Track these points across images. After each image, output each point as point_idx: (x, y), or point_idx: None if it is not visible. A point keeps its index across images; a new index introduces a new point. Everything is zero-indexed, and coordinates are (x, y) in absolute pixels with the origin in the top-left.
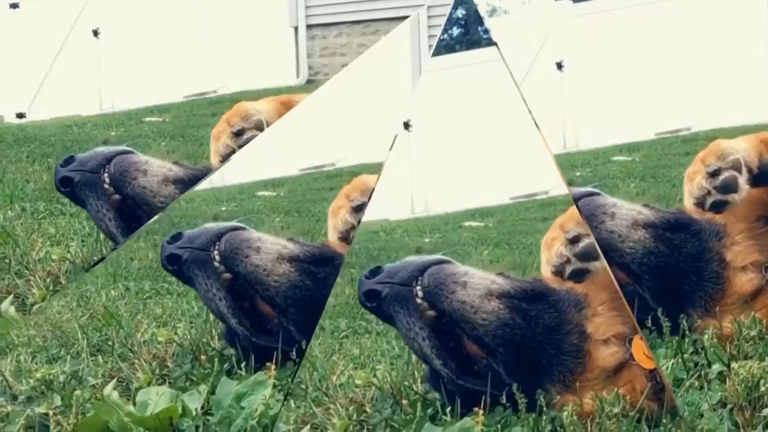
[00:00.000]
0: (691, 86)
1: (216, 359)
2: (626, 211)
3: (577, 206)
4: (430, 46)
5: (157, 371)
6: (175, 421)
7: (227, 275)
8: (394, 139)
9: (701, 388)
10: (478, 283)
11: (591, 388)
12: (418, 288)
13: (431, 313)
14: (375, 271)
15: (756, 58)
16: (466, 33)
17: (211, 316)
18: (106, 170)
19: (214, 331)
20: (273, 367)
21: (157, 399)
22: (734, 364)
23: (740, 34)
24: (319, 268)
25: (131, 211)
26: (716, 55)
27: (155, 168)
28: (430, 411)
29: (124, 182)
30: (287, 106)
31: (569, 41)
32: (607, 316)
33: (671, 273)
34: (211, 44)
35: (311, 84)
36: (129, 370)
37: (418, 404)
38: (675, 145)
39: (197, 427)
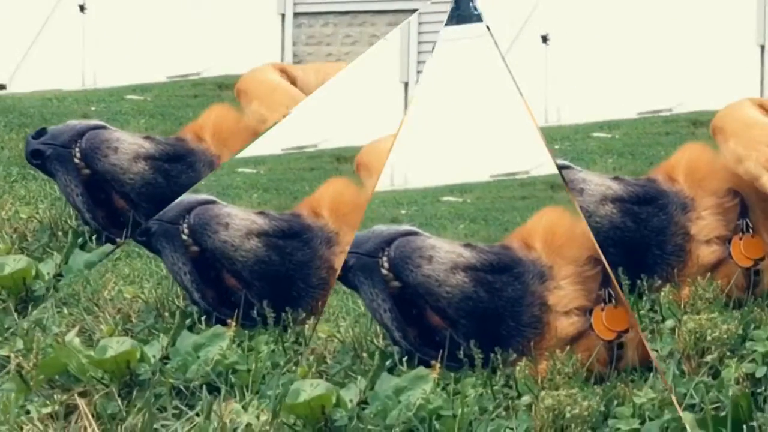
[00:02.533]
0: (674, 68)
1: (177, 314)
2: (595, 187)
3: None
4: (420, 32)
5: (121, 325)
6: (132, 365)
7: (195, 248)
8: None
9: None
10: (444, 257)
11: (548, 355)
12: (384, 259)
13: (396, 284)
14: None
15: (740, 43)
16: (457, 8)
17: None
18: (78, 145)
19: (179, 290)
20: (233, 323)
21: (117, 347)
22: (684, 318)
23: (727, 17)
24: (286, 241)
25: (100, 185)
26: (701, 38)
27: (126, 145)
28: (388, 363)
29: (95, 159)
30: None
31: (556, 15)
32: (570, 289)
33: (636, 247)
34: (197, 26)
35: None
36: (93, 323)
37: (376, 354)
38: (656, 125)
39: (154, 373)
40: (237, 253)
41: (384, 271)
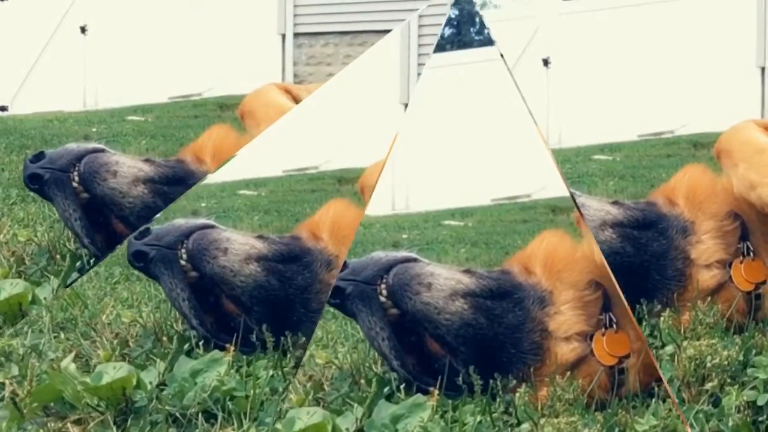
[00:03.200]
0: (676, 90)
1: (175, 338)
2: (594, 212)
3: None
4: (420, 54)
5: (118, 350)
6: (128, 392)
7: (194, 274)
8: (394, 138)
9: None
10: (443, 284)
11: (549, 381)
12: (383, 287)
13: (394, 311)
14: (341, 267)
15: (740, 65)
16: (458, 33)
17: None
18: (76, 169)
19: (177, 314)
20: (232, 348)
21: (113, 373)
22: (684, 343)
23: (727, 39)
24: (286, 265)
25: (98, 209)
26: (701, 61)
27: (126, 169)
28: (386, 390)
29: (94, 183)
30: None
31: (557, 38)
32: (570, 315)
33: (636, 272)
34: (198, 47)
35: None
36: (90, 348)
37: (374, 381)
38: (657, 147)
39: (150, 400)
40: (236, 278)
41: (382, 299)
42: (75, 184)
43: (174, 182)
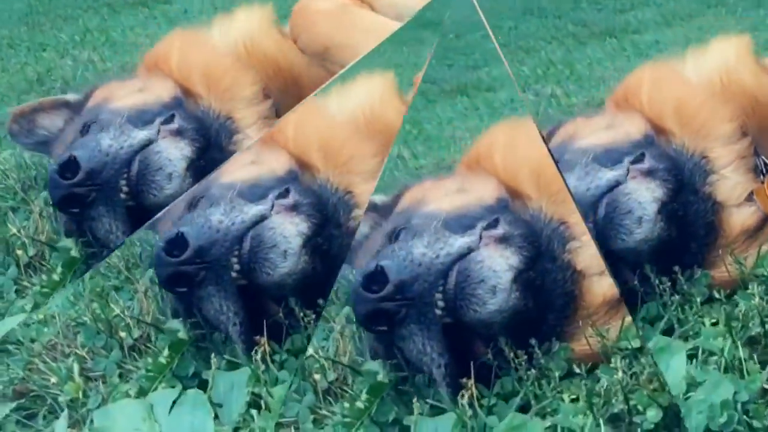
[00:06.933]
0: None
1: (161, 339)
2: (649, 206)
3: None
4: None
5: (77, 370)
6: None
7: (242, 282)
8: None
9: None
10: (504, 280)
11: (586, 328)
12: (439, 296)
13: (448, 320)
14: (374, 277)
15: None
16: None
17: None
18: (126, 176)
19: (137, 307)
20: (263, 340)
21: None
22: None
23: None
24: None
25: (140, 218)
26: None
27: (178, 164)
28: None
29: (149, 194)
30: None
31: None
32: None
33: (676, 249)
34: None
35: None
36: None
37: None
38: None
39: None
40: (290, 278)
41: (438, 311)
42: (123, 195)
43: (206, 149)
